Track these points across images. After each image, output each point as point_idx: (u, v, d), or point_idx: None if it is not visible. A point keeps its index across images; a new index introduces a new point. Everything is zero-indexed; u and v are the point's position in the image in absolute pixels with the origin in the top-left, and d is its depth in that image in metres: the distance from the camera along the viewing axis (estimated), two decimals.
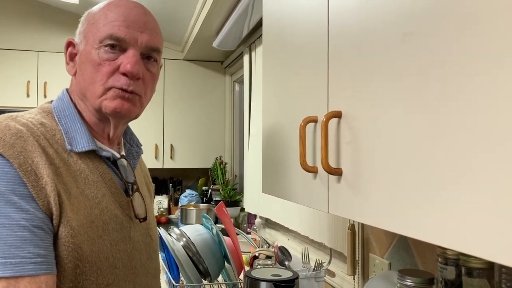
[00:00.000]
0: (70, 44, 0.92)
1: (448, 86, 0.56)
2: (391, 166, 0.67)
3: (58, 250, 0.74)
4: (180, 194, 3.61)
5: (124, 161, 0.93)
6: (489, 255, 0.49)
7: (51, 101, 0.91)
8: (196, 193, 3.52)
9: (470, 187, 0.52)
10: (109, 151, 0.90)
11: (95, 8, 0.91)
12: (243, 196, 3.06)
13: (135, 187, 0.93)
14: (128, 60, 0.85)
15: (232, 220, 2.30)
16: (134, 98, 0.87)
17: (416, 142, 0.62)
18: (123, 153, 0.97)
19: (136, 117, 0.92)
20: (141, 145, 1.05)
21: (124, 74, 0.85)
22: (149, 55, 0.90)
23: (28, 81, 3.43)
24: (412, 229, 0.62)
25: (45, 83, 3.45)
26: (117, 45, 0.85)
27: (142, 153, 1.04)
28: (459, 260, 0.88)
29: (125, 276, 0.85)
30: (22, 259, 0.68)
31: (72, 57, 0.92)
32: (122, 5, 0.88)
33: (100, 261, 0.80)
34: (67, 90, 0.93)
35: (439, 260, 0.92)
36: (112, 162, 0.90)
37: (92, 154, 0.86)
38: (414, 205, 0.62)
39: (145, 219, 0.94)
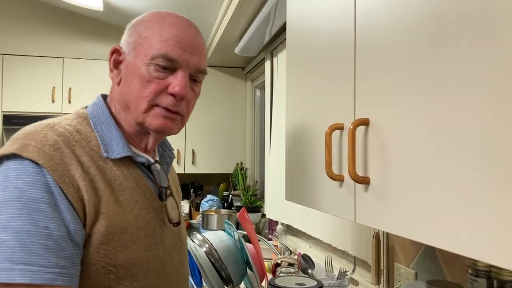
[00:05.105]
0: (115, 51, 0.91)
1: (479, 95, 0.54)
2: (421, 176, 0.65)
3: (91, 257, 0.75)
4: (201, 199, 3.63)
5: (158, 166, 0.93)
6: None
7: (86, 107, 0.92)
8: (217, 198, 3.53)
9: (505, 201, 0.50)
10: (144, 156, 0.90)
11: (146, 18, 0.89)
12: (264, 202, 3.05)
13: (168, 191, 0.93)
14: (178, 81, 0.85)
15: (253, 226, 2.29)
16: (177, 118, 0.89)
17: (445, 151, 0.60)
18: (157, 158, 0.98)
19: (176, 133, 0.93)
20: (173, 150, 1.06)
21: (171, 94, 0.85)
22: (196, 76, 0.90)
23: (54, 87, 3.50)
24: (443, 241, 0.60)
25: (70, 88, 3.50)
26: (169, 65, 0.85)
27: (174, 157, 1.05)
28: (490, 272, 0.85)
29: (158, 281, 0.85)
30: (41, 268, 0.69)
31: (116, 64, 0.91)
32: (176, 24, 0.88)
33: (135, 266, 0.81)
34: (102, 95, 0.93)
35: (469, 271, 0.90)
36: (146, 167, 0.91)
37: (127, 160, 0.87)
38: (444, 215, 0.60)
39: (178, 223, 0.94)
